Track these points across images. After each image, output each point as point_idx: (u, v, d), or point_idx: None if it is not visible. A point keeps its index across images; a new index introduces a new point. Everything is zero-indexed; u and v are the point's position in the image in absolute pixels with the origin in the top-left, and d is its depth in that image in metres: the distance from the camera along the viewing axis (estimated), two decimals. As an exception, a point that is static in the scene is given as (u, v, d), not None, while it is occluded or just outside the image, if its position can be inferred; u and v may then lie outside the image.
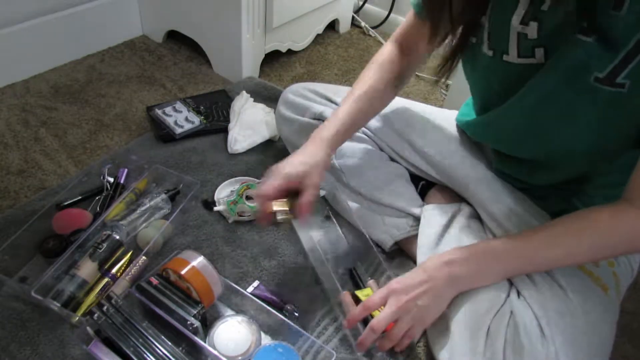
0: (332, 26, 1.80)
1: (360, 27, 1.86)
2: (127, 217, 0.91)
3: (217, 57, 1.48)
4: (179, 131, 1.17)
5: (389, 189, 0.92)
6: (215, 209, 0.99)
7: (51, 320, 0.78)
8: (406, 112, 0.95)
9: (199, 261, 0.76)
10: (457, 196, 0.91)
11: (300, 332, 0.78)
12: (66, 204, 0.95)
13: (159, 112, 1.22)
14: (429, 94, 1.56)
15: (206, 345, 0.73)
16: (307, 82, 1.06)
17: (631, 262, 0.77)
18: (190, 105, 1.26)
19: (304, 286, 0.89)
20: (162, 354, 0.69)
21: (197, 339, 0.71)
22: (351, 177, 0.94)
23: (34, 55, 1.35)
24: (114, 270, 0.83)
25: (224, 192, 1.04)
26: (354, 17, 1.85)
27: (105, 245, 0.83)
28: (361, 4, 1.88)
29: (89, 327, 0.71)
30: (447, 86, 1.56)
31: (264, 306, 0.79)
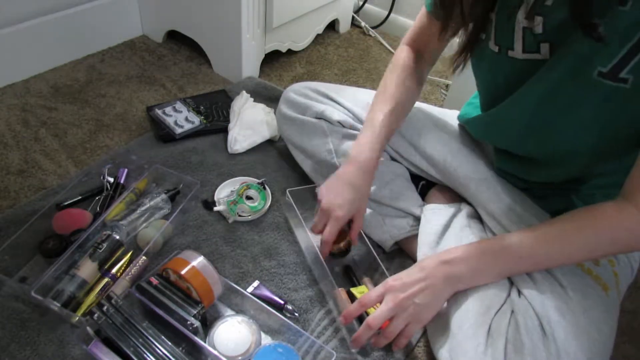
0: (332, 26, 1.80)
1: (360, 27, 1.86)
2: (127, 217, 0.91)
3: (217, 57, 1.48)
4: (179, 131, 1.17)
5: (389, 189, 0.92)
6: (215, 209, 0.99)
7: (51, 320, 0.78)
8: (407, 112, 0.95)
9: (199, 261, 0.76)
10: (457, 196, 0.92)
11: (300, 332, 0.78)
12: (66, 204, 0.95)
13: (159, 112, 1.22)
14: (429, 94, 1.56)
15: (206, 345, 0.73)
16: (307, 81, 1.06)
17: (631, 262, 0.77)
18: (190, 105, 1.26)
19: (304, 286, 0.89)
20: (162, 354, 0.69)
21: (197, 339, 0.71)
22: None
23: (34, 55, 1.35)
24: (114, 270, 0.83)
25: (224, 192, 1.04)
26: (354, 17, 1.85)
27: (105, 245, 0.83)
28: (361, 4, 1.88)
29: (89, 327, 0.71)
30: (447, 86, 1.56)
31: (264, 306, 0.79)
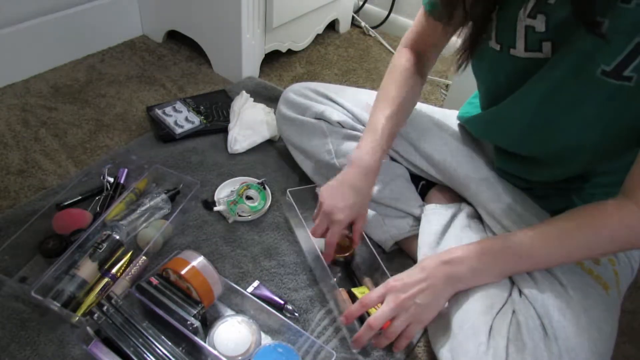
0: (332, 26, 1.80)
1: (360, 27, 1.86)
2: (127, 217, 0.91)
3: (217, 57, 1.48)
4: (179, 131, 1.17)
5: (389, 189, 0.92)
6: (215, 209, 0.99)
7: (51, 320, 0.78)
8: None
9: (199, 261, 0.76)
10: (458, 196, 0.91)
11: (300, 332, 0.77)
12: (66, 204, 0.95)
13: (159, 112, 1.22)
14: (429, 94, 1.56)
15: (206, 345, 0.73)
16: (307, 81, 1.06)
17: (631, 261, 0.77)
18: (190, 105, 1.26)
19: (304, 286, 0.89)
20: (162, 354, 0.69)
21: (197, 339, 0.71)
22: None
23: (34, 55, 1.35)
24: (114, 270, 0.83)
25: (224, 192, 1.04)
26: (354, 17, 1.85)
27: (105, 245, 0.83)
28: (361, 4, 1.88)
29: (89, 327, 0.71)
30: (447, 86, 1.56)
31: (264, 306, 0.79)
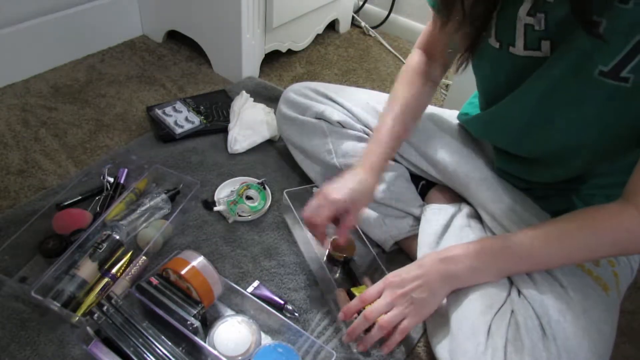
0: (332, 26, 1.80)
1: (360, 27, 1.86)
2: (127, 217, 0.91)
3: (217, 57, 1.48)
4: (179, 131, 1.17)
5: (389, 189, 0.92)
6: (215, 209, 0.99)
7: (51, 320, 0.78)
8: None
9: (199, 261, 0.76)
10: (457, 196, 0.92)
11: (300, 332, 0.78)
12: (66, 204, 0.95)
13: (159, 112, 1.22)
14: (429, 94, 1.56)
15: (206, 345, 0.73)
16: (307, 81, 1.06)
17: (631, 262, 0.77)
18: (190, 105, 1.26)
19: (304, 286, 0.89)
20: (162, 354, 0.69)
21: (197, 339, 0.71)
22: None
23: (34, 55, 1.35)
24: (114, 270, 0.83)
25: (224, 192, 1.04)
26: (354, 17, 1.85)
27: (105, 245, 0.83)
28: (361, 4, 1.88)
29: (89, 327, 0.71)
30: (447, 86, 1.56)
31: (264, 306, 0.79)
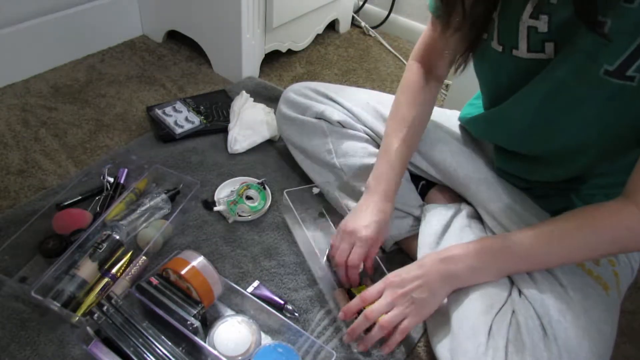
0: (332, 26, 1.80)
1: (360, 27, 1.86)
2: (127, 217, 0.91)
3: (217, 57, 1.48)
4: (179, 131, 1.17)
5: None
6: (215, 209, 0.99)
7: (51, 320, 0.78)
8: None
9: (199, 261, 0.76)
10: (458, 196, 0.91)
11: (300, 332, 0.78)
12: (66, 204, 0.95)
13: (159, 112, 1.22)
14: (429, 94, 1.56)
15: (206, 345, 0.73)
16: (307, 81, 1.06)
17: (631, 262, 0.77)
18: (190, 105, 1.26)
19: (304, 286, 0.89)
20: (162, 354, 0.69)
21: (197, 339, 0.71)
22: (351, 176, 0.94)
23: (34, 55, 1.35)
24: (114, 270, 0.83)
25: (224, 192, 1.04)
26: (354, 17, 1.85)
27: (105, 245, 0.83)
28: (361, 4, 1.88)
29: (89, 327, 0.71)
30: (447, 86, 1.56)
31: (264, 306, 0.79)
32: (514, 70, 0.70)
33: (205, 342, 0.74)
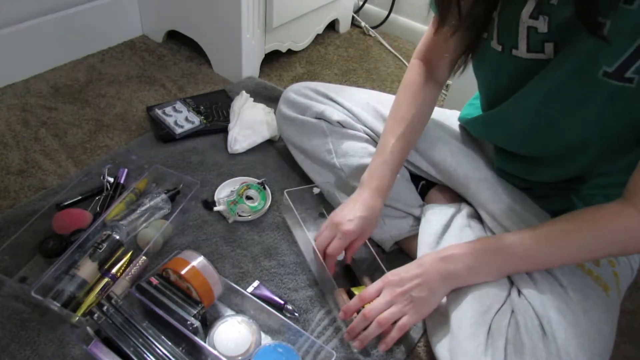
0: (332, 26, 1.80)
1: (360, 27, 1.86)
2: (127, 217, 0.91)
3: (217, 57, 1.48)
4: (179, 131, 1.17)
5: (389, 189, 0.92)
6: (215, 209, 0.99)
7: (51, 320, 0.78)
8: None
9: (199, 261, 0.76)
10: (457, 196, 0.92)
11: (300, 332, 0.78)
12: (66, 204, 0.95)
13: (159, 112, 1.22)
14: (429, 94, 1.56)
15: (206, 345, 0.73)
16: (307, 81, 1.06)
17: (631, 262, 0.77)
18: (190, 105, 1.26)
19: (304, 286, 0.89)
20: (162, 354, 0.69)
21: (197, 339, 0.71)
22: (351, 176, 0.94)
23: (34, 55, 1.35)
24: (114, 270, 0.83)
25: (224, 192, 1.04)
26: (354, 17, 1.85)
27: (105, 245, 0.83)
28: (361, 4, 1.88)
29: (89, 327, 0.71)
30: (447, 86, 1.56)
31: (264, 306, 0.79)
32: (513, 70, 0.70)
33: (205, 342, 0.74)
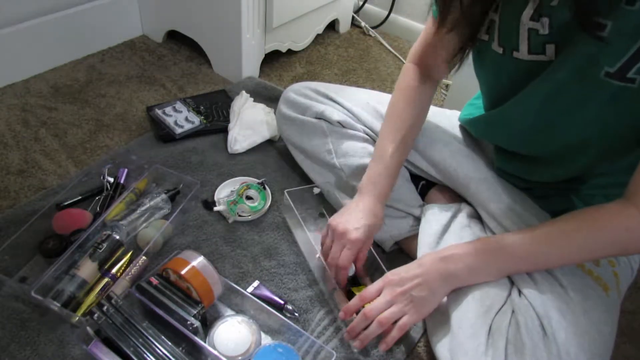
0: (332, 26, 1.80)
1: (360, 27, 1.86)
2: (127, 217, 0.91)
3: (217, 57, 1.48)
4: (179, 131, 1.17)
5: (389, 189, 0.92)
6: (215, 209, 0.99)
7: (51, 320, 0.78)
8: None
9: (199, 261, 0.76)
10: (457, 196, 0.92)
11: (300, 332, 0.78)
12: (66, 204, 0.95)
13: (159, 112, 1.22)
14: (429, 94, 1.56)
15: (206, 345, 0.73)
16: (307, 81, 1.06)
17: (631, 262, 0.77)
18: (190, 105, 1.26)
19: (304, 286, 0.89)
20: (162, 354, 0.69)
21: (197, 339, 0.71)
22: (351, 176, 0.94)
23: (34, 55, 1.35)
24: (114, 270, 0.83)
25: (224, 192, 1.04)
26: (354, 17, 1.85)
27: (105, 245, 0.83)
28: (361, 4, 1.88)
29: (89, 327, 0.71)
30: (447, 86, 1.56)
31: (264, 306, 0.79)
32: (514, 71, 0.70)
33: (205, 342, 0.74)
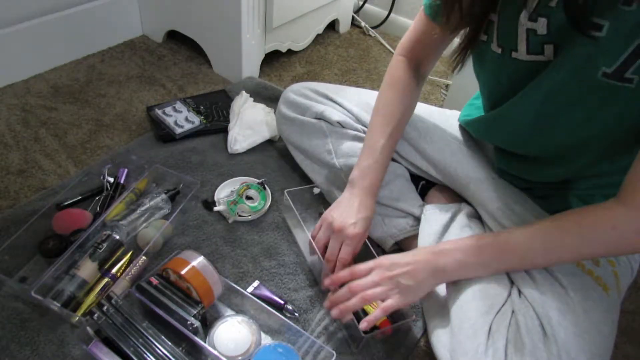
0: (332, 26, 1.80)
1: (360, 27, 1.86)
2: (127, 217, 0.91)
3: (217, 57, 1.48)
4: (179, 131, 1.17)
5: (389, 189, 0.92)
6: (215, 209, 0.99)
7: (51, 320, 0.78)
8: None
9: (199, 261, 0.76)
10: (457, 196, 0.92)
11: (300, 332, 0.78)
12: (66, 204, 0.95)
13: (159, 112, 1.22)
14: (429, 94, 1.56)
15: (206, 345, 0.73)
16: (307, 81, 1.06)
17: (631, 262, 0.77)
18: (190, 105, 1.26)
19: (304, 286, 0.89)
20: (162, 354, 0.69)
21: (197, 339, 0.71)
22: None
23: (34, 55, 1.35)
24: (114, 270, 0.83)
25: (224, 192, 1.04)
26: (354, 17, 1.85)
27: (105, 245, 0.83)
28: (361, 4, 1.88)
29: (89, 327, 0.71)
30: (447, 86, 1.56)
31: (264, 306, 0.79)
32: (513, 72, 0.70)
33: (205, 342, 0.74)
